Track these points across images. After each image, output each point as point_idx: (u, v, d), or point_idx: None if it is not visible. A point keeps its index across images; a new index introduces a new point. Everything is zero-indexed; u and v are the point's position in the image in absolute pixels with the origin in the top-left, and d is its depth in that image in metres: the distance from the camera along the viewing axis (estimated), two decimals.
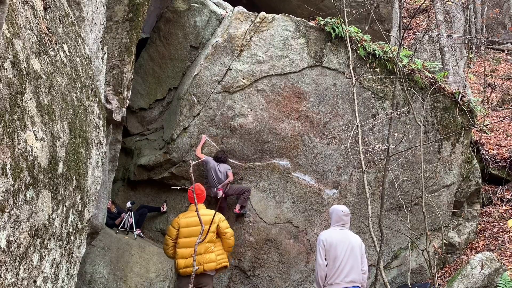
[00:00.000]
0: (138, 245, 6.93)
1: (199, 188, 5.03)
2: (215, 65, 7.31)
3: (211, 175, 7.00)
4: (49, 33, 2.56)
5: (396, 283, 7.48)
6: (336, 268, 4.16)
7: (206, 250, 4.66)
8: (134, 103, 8.37)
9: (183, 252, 4.64)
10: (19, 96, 2.06)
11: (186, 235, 4.60)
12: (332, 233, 4.39)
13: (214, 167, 6.98)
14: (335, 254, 4.20)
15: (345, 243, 4.26)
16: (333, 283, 4.13)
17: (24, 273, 2.16)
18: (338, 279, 4.13)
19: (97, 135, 3.52)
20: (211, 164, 7.01)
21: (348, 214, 4.55)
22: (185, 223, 4.66)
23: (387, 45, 7.65)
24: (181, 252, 4.65)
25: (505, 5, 16.54)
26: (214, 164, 7.01)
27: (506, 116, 10.31)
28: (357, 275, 4.20)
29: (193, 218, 4.63)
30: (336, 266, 4.16)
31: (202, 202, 4.99)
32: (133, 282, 6.52)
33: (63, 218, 2.67)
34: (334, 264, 4.17)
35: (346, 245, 4.25)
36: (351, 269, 4.17)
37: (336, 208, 4.58)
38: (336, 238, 4.30)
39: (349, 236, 4.37)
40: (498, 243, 7.43)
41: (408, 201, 7.11)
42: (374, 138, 7.42)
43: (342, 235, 4.35)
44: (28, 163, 2.11)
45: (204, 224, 4.44)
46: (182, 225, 4.65)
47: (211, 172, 6.99)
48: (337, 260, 4.18)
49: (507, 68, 14.91)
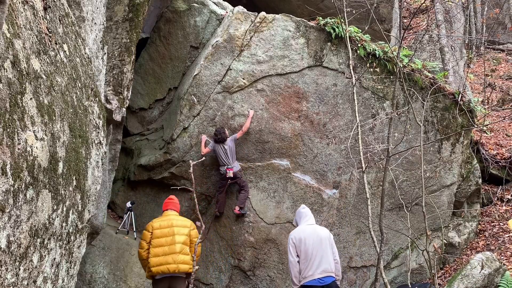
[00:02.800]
0: (138, 245, 6.93)
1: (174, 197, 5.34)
2: (215, 65, 7.31)
3: (220, 156, 7.01)
4: (49, 33, 2.56)
5: (396, 283, 7.48)
6: (308, 261, 4.40)
7: (181, 250, 4.82)
8: (134, 103, 8.37)
9: (157, 251, 4.81)
10: (19, 96, 2.06)
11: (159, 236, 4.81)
12: (300, 230, 4.64)
13: (220, 149, 6.99)
14: (305, 248, 4.43)
15: (313, 236, 4.50)
16: (306, 276, 4.37)
17: (24, 273, 2.16)
18: (310, 271, 4.36)
19: (97, 135, 3.52)
20: (216, 147, 7.03)
21: (305, 207, 4.90)
22: (158, 225, 4.89)
23: (387, 45, 7.64)
24: (155, 251, 4.81)
25: (505, 5, 16.53)
26: (218, 146, 7.02)
27: (506, 116, 10.31)
28: (328, 265, 4.42)
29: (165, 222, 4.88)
30: (308, 259, 4.40)
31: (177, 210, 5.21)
32: (133, 282, 6.53)
33: (63, 218, 2.67)
34: (306, 258, 4.41)
35: (314, 238, 4.49)
36: (321, 259, 4.40)
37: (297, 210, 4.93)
38: (304, 233, 4.54)
39: (316, 230, 4.61)
40: (498, 243, 7.43)
41: (408, 201, 7.11)
42: (374, 138, 7.42)
43: (310, 230, 4.59)
44: (28, 163, 2.11)
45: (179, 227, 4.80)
46: (155, 227, 4.88)
47: (220, 154, 7.00)
48: (307, 254, 4.41)
49: (507, 68, 14.91)
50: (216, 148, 7.03)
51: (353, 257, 7.43)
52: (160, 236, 4.81)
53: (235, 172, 7.01)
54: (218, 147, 7.01)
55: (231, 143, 7.04)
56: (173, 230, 4.83)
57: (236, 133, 7.14)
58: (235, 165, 7.08)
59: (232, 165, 7.01)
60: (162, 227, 4.85)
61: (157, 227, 4.87)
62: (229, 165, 6.99)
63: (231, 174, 6.96)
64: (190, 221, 5.01)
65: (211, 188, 7.48)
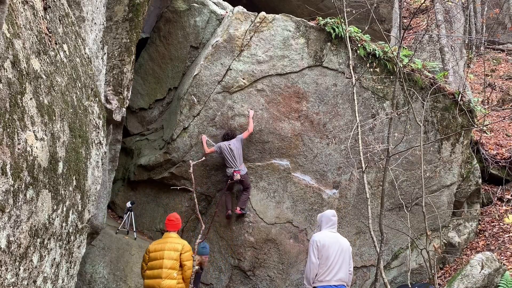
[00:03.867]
0: (138, 245, 6.93)
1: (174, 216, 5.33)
2: (215, 65, 7.30)
3: (226, 157, 6.85)
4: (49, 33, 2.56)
5: (396, 283, 7.48)
6: (327, 266, 4.56)
7: (167, 276, 4.95)
8: (134, 103, 8.37)
9: (149, 274, 5.04)
10: (19, 96, 2.06)
11: (153, 259, 5.02)
12: (324, 234, 4.76)
13: (226, 149, 6.85)
14: (327, 254, 4.58)
15: (336, 245, 4.67)
16: (323, 280, 4.53)
17: (24, 273, 2.16)
18: (328, 276, 4.53)
19: (97, 135, 3.52)
20: (223, 147, 6.89)
21: (336, 215, 4.98)
22: (153, 249, 5.07)
23: (387, 45, 7.65)
24: (148, 273, 5.05)
25: (505, 5, 16.54)
26: (225, 145, 6.89)
27: (506, 116, 10.31)
28: (344, 275, 4.62)
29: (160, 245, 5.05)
30: (328, 265, 4.56)
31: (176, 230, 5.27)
32: (133, 282, 6.53)
33: (63, 218, 2.67)
34: (326, 263, 4.57)
35: (337, 247, 4.66)
36: (340, 268, 4.59)
37: (325, 213, 5.00)
38: (328, 239, 4.69)
39: (339, 239, 4.78)
40: (498, 243, 7.43)
41: (408, 201, 7.11)
42: (374, 138, 7.42)
43: (333, 237, 4.75)
44: (28, 163, 2.11)
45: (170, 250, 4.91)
46: (151, 250, 5.07)
47: (226, 155, 6.85)
48: (328, 260, 4.57)
49: (507, 68, 14.90)
50: (222, 148, 6.88)
51: (353, 257, 7.42)
52: (153, 259, 5.00)
53: (243, 175, 6.84)
54: (224, 147, 6.88)
55: (237, 143, 6.90)
56: (163, 254, 4.97)
57: (241, 134, 7.03)
58: (243, 168, 6.91)
59: (239, 168, 6.84)
60: (156, 250, 5.03)
61: (153, 250, 5.06)
62: (236, 168, 6.83)
63: (238, 177, 6.77)
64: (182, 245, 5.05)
65: (211, 188, 7.48)
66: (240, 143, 6.95)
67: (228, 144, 6.90)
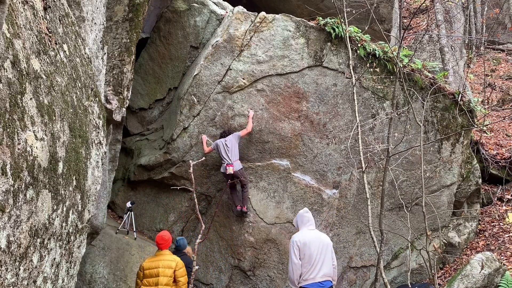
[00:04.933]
0: (138, 245, 6.93)
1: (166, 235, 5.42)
2: (215, 65, 7.31)
3: (221, 153, 6.90)
4: (49, 33, 2.56)
5: (396, 283, 7.48)
6: (311, 264, 4.59)
7: None
8: (134, 103, 8.37)
9: None
10: (19, 96, 2.06)
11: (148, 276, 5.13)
12: (303, 234, 4.79)
13: (222, 145, 6.91)
14: (309, 252, 4.61)
15: (317, 241, 4.70)
16: (308, 279, 4.56)
17: (24, 273, 2.16)
18: (312, 274, 4.57)
19: (97, 135, 3.52)
20: (219, 143, 6.95)
21: (309, 211, 5.02)
22: (147, 266, 5.18)
23: (387, 45, 7.64)
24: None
25: (505, 5, 16.53)
26: (221, 141, 6.95)
27: (506, 116, 10.31)
28: (328, 270, 4.66)
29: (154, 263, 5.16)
30: (311, 263, 4.59)
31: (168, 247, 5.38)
32: (133, 282, 6.52)
33: (63, 218, 2.67)
34: (309, 261, 4.60)
35: (318, 243, 4.69)
36: (323, 264, 4.63)
37: (299, 213, 5.04)
38: (308, 237, 4.71)
39: (319, 235, 4.81)
40: (498, 243, 7.43)
41: (408, 201, 7.11)
42: (374, 138, 7.41)
43: (313, 235, 4.78)
44: (28, 163, 2.11)
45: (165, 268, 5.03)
46: (146, 267, 5.17)
47: (221, 151, 6.90)
48: (311, 258, 4.61)
49: (507, 68, 14.90)
50: (218, 144, 6.94)
51: (353, 257, 7.43)
52: (148, 276, 5.10)
53: (236, 170, 6.82)
54: (220, 143, 6.93)
55: (233, 139, 6.92)
56: (158, 271, 5.08)
57: (239, 131, 7.06)
58: (237, 163, 6.91)
59: (232, 162, 6.83)
60: (151, 268, 5.13)
61: (147, 267, 5.15)
62: (229, 162, 6.82)
63: (231, 170, 6.75)
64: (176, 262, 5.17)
65: (211, 188, 7.48)
66: (237, 140, 6.98)
67: (225, 140, 6.96)
